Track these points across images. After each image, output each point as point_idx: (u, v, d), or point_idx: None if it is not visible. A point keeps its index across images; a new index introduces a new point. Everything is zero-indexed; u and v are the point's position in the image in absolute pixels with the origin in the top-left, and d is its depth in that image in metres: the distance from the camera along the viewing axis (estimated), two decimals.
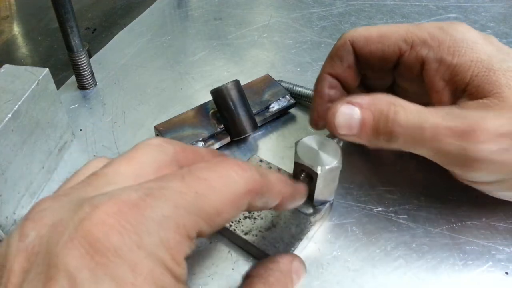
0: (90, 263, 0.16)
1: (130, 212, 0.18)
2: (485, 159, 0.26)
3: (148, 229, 0.18)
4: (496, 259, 0.30)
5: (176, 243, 0.18)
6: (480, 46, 0.29)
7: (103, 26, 0.59)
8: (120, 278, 0.17)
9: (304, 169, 0.29)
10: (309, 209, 0.31)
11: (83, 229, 0.17)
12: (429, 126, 0.26)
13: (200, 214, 0.19)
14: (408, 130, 0.27)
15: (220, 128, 0.38)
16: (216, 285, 0.29)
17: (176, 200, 0.19)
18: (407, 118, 0.27)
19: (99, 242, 0.17)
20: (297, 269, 0.26)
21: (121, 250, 0.17)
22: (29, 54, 0.56)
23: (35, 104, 0.33)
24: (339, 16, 0.57)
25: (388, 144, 0.28)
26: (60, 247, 0.17)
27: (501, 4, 0.58)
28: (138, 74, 0.48)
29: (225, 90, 0.37)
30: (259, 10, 0.59)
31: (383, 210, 0.33)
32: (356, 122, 0.28)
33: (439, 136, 0.26)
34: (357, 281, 0.29)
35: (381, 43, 0.31)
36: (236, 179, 0.20)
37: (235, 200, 0.20)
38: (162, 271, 0.18)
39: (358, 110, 0.28)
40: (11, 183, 0.31)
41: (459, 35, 0.29)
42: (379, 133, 0.28)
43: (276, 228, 0.30)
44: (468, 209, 0.32)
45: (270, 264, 0.26)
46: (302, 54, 0.50)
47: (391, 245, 0.31)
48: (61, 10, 0.40)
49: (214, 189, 0.20)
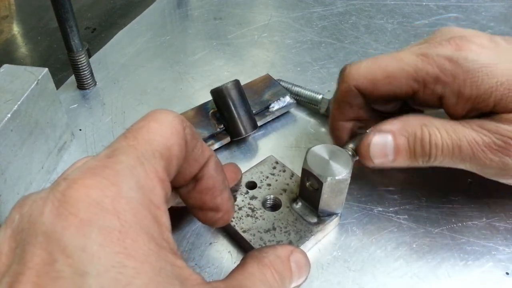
0: (75, 221, 0.17)
1: (103, 171, 0.19)
2: None
3: (123, 179, 0.19)
4: (497, 259, 0.29)
5: (150, 188, 0.19)
6: (496, 68, 0.27)
7: (102, 26, 0.59)
8: (106, 228, 0.17)
9: (311, 176, 0.29)
10: (313, 218, 0.31)
11: (64, 196, 0.18)
12: (467, 144, 0.27)
13: (156, 156, 0.20)
14: (446, 150, 0.27)
15: (220, 128, 0.38)
16: None
17: (133, 152, 0.20)
18: (443, 138, 0.27)
19: (80, 201, 0.18)
20: (297, 259, 0.25)
21: (103, 202, 0.18)
22: (28, 54, 0.56)
23: (35, 104, 0.33)
24: (339, 15, 0.57)
25: (427, 164, 0.29)
26: (45, 216, 0.17)
27: (502, 3, 0.58)
28: (138, 74, 0.48)
29: (225, 90, 0.37)
30: (259, 9, 0.59)
31: (384, 210, 0.33)
32: (390, 150, 0.29)
33: (478, 153, 0.27)
34: (357, 281, 0.29)
35: (390, 85, 0.29)
36: (168, 116, 0.22)
37: (175, 131, 0.22)
38: (145, 215, 0.19)
39: (391, 137, 0.29)
40: (11, 183, 0.31)
41: (471, 64, 0.27)
42: (416, 156, 0.28)
43: (275, 231, 0.30)
44: (468, 209, 0.32)
45: (267, 249, 0.25)
46: (302, 53, 0.50)
47: (392, 245, 0.31)
48: (60, 10, 0.39)
49: (156, 130, 0.21)
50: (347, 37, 0.52)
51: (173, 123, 0.22)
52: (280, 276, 0.24)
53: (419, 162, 0.29)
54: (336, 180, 0.28)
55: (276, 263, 0.24)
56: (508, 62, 0.28)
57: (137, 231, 0.18)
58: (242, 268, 0.23)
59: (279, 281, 0.24)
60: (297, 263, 0.26)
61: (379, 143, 0.29)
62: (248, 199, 0.32)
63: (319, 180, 0.28)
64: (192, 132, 0.23)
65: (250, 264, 0.24)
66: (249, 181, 0.33)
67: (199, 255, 0.30)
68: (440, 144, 0.27)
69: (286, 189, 0.33)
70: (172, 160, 0.21)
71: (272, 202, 0.32)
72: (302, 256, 0.26)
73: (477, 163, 0.27)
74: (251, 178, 0.33)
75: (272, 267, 0.24)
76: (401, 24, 0.55)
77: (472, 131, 0.27)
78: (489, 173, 0.28)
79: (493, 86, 0.27)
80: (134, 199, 0.19)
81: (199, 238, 0.31)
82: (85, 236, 0.17)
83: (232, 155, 0.38)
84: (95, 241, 0.17)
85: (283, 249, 0.26)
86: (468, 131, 0.27)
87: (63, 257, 0.16)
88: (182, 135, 0.22)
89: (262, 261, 0.24)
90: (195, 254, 0.30)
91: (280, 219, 0.31)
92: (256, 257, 0.24)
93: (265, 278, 0.23)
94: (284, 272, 0.25)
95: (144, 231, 0.18)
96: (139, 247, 0.18)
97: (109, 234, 0.17)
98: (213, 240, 0.31)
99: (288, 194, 0.32)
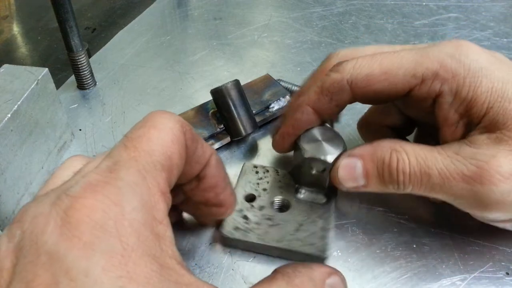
0: (79, 243, 0.17)
1: (104, 189, 0.18)
2: (500, 201, 0.25)
3: (126, 198, 0.18)
4: (497, 260, 0.29)
5: (153, 204, 0.19)
6: (494, 72, 0.26)
7: (102, 26, 0.59)
8: (109, 251, 0.17)
9: (314, 162, 0.30)
10: (322, 198, 0.32)
11: (67, 216, 0.18)
12: (437, 172, 0.25)
13: (158, 168, 0.20)
14: (413, 177, 0.26)
15: (220, 128, 0.38)
16: (216, 285, 0.29)
17: (134, 165, 0.20)
18: (411, 165, 0.26)
19: (83, 223, 0.17)
20: (334, 284, 0.23)
21: (106, 225, 0.17)
22: (28, 53, 0.56)
23: (35, 104, 0.33)
24: (339, 15, 0.57)
25: (400, 191, 0.27)
26: (47, 235, 0.17)
27: (502, 3, 0.58)
28: (137, 74, 0.48)
29: (225, 90, 0.37)
30: (259, 9, 0.59)
31: (384, 210, 0.33)
32: (359, 174, 0.28)
33: (449, 182, 0.25)
34: (357, 281, 0.29)
35: (387, 81, 0.28)
36: (167, 121, 0.22)
37: (175, 138, 0.21)
38: (147, 235, 0.18)
39: (360, 162, 0.28)
40: (11, 183, 0.31)
41: (473, 63, 0.26)
42: (385, 183, 0.27)
43: (303, 227, 0.30)
44: None
45: (301, 267, 0.23)
46: (302, 54, 0.50)
47: (392, 245, 0.31)
48: (60, 10, 0.39)
49: (156, 138, 0.21)
50: (347, 37, 0.52)
51: (173, 129, 0.21)
52: None
53: (390, 189, 0.28)
54: (338, 155, 0.30)
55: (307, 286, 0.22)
56: (503, 71, 0.27)
57: (139, 253, 0.18)
58: (269, 283, 0.22)
59: None
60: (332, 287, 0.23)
61: (348, 166, 0.28)
62: (258, 211, 0.31)
63: (325, 162, 0.30)
64: (192, 135, 0.23)
65: (279, 282, 0.22)
66: (246, 194, 0.32)
67: (199, 255, 0.30)
68: (407, 171, 0.26)
69: (282, 186, 0.33)
70: (173, 169, 0.21)
71: (280, 203, 0.32)
72: (341, 280, 0.23)
73: (448, 193, 0.26)
74: (245, 191, 0.33)
75: None
76: (401, 24, 0.55)
77: (445, 158, 0.25)
78: (461, 204, 0.27)
79: (489, 91, 0.26)
80: (136, 220, 0.18)
81: (199, 238, 0.31)
82: (88, 259, 0.17)
83: (232, 155, 0.38)
84: (98, 265, 0.17)
85: (320, 271, 0.23)
86: (440, 158, 0.26)
87: (67, 280, 0.16)
88: (182, 142, 0.22)
89: (292, 282, 0.22)
90: (195, 254, 0.30)
91: (298, 214, 0.31)
92: (288, 275, 0.22)
93: None
94: None
95: (147, 253, 0.18)
96: (141, 270, 0.17)
97: (112, 258, 0.17)
98: (213, 240, 0.31)
99: (287, 189, 0.32)
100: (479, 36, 0.52)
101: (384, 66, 0.28)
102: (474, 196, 0.25)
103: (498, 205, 0.25)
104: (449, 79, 0.27)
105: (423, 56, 0.27)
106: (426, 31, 0.53)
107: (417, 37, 0.52)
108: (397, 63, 0.28)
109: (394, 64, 0.28)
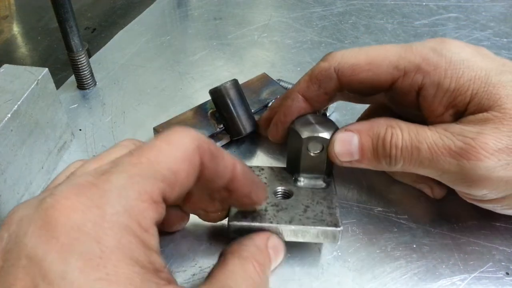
0: (56, 245, 0.17)
1: (89, 191, 0.18)
2: (485, 176, 0.25)
3: (109, 201, 0.18)
4: (497, 260, 0.29)
5: (140, 210, 0.19)
6: (476, 62, 0.27)
7: (102, 26, 0.59)
8: (87, 253, 0.17)
9: (312, 142, 0.30)
10: (322, 183, 0.32)
11: (47, 216, 0.18)
12: (426, 147, 0.26)
13: (157, 177, 0.20)
14: (405, 151, 0.27)
15: (219, 128, 0.38)
16: None
17: (130, 170, 0.19)
18: (404, 139, 0.27)
19: (62, 224, 0.17)
20: (274, 245, 0.26)
21: (85, 226, 0.17)
22: (28, 53, 0.56)
23: (35, 104, 0.33)
24: (339, 15, 0.57)
25: (391, 167, 0.28)
26: (28, 237, 0.17)
27: (502, 3, 0.58)
28: (137, 74, 0.48)
29: (223, 90, 0.37)
30: (259, 9, 0.59)
31: (384, 210, 0.33)
32: (355, 149, 0.29)
33: (436, 156, 0.26)
34: (357, 281, 0.29)
35: (371, 71, 0.29)
36: (183, 138, 0.21)
37: (186, 156, 0.21)
38: (130, 240, 0.18)
39: (357, 136, 0.29)
40: (11, 183, 0.31)
41: (454, 56, 0.28)
42: (379, 157, 0.28)
43: (310, 208, 0.29)
44: (468, 209, 0.32)
45: (244, 241, 0.25)
46: (302, 54, 0.50)
47: (392, 245, 0.31)
48: (60, 10, 0.39)
49: (164, 151, 0.21)
50: (347, 37, 0.52)
51: (187, 147, 0.21)
52: (261, 267, 0.24)
53: (383, 164, 0.28)
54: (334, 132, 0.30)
55: (256, 254, 0.24)
56: (486, 62, 0.28)
57: (120, 255, 0.18)
58: (223, 265, 0.23)
59: (260, 273, 0.23)
60: (274, 248, 0.26)
61: (344, 140, 0.29)
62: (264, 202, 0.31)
63: (323, 138, 0.30)
64: (211, 153, 0.22)
65: (231, 261, 0.23)
66: None
67: (200, 255, 0.30)
68: (400, 145, 0.27)
69: (280, 179, 0.32)
70: (175, 186, 0.21)
71: (283, 192, 0.32)
72: (278, 240, 0.26)
73: (436, 167, 0.26)
74: None
75: (253, 259, 0.24)
76: (401, 24, 0.55)
77: (434, 134, 0.26)
78: (449, 180, 0.27)
79: (472, 79, 0.27)
80: (118, 223, 0.18)
81: (199, 238, 0.31)
82: (65, 262, 0.17)
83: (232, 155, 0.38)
84: (75, 267, 0.17)
85: (260, 237, 0.26)
86: (430, 133, 0.26)
87: (45, 284, 0.16)
88: (194, 162, 0.21)
89: (242, 255, 0.24)
90: (196, 254, 0.30)
91: (302, 199, 0.30)
92: (236, 251, 0.24)
93: (247, 274, 0.23)
94: (265, 262, 0.24)
95: (128, 256, 0.18)
96: (122, 271, 0.17)
97: (90, 260, 0.17)
98: (213, 241, 0.31)
99: (286, 181, 0.32)
100: (479, 36, 0.52)
101: (370, 57, 0.29)
102: (460, 171, 0.26)
103: (483, 181, 0.25)
104: (431, 72, 0.28)
105: (407, 50, 0.29)
106: (426, 31, 0.53)
107: (417, 37, 0.52)
108: (381, 55, 0.29)
109: (379, 56, 0.29)
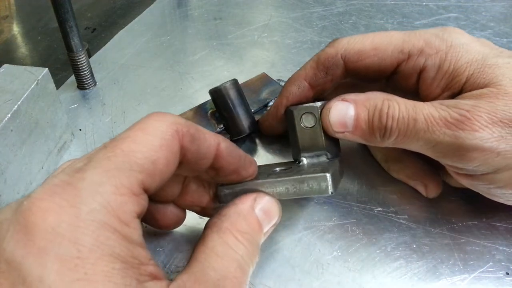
0: (33, 248, 0.17)
1: (64, 191, 0.18)
2: (478, 147, 0.25)
3: (84, 199, 0.18)
4: (497, 260, 0.29)
5: (118, 204, 0.19)
6: (475, 47, 0.28)
7: (102, 26, 0.59)
8: (62, 255, 0.17)
9: (304, 115, 0.30)
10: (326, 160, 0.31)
11: (24, 219, 0.17)
12: (422, 118, 0.26)
13: (134, 168, 0.19)
14: (401, 122, 0.27)
15: (220, 128, 0.38)
16: None
17: (105, 165, 0.19)
18: (401, 111, 0.27)
19: (38, 227, 0.17)
20: (263, 205, 0.24)
21: (59, 227, 0.17)
22: (28, 53, 0.56)
23: (35, 104, 0.33)
24: (339, 15, 0.57)
25: (383, 140, 0.28)
26: (6, 241, 0.17)
27: (502, 3, 0.58)
28: (137, 74, 0.48)
29: (223, 90, 0.37)
30: (259, 9, 0.59)
31: (384, 210, 0.33)
32: (350, 119, 0.29)
33: (432, 127, 0.26)
34: (357, 281, 0.29)
35: (377, 56, 0.30)
36: (159, 124, 0.21)
37: (163, 143, 0.20)
38: (108, 235, 0.18)
39: (353, 106, 0.29)
40: (11, 183, 0.31)
41: (455, 40, 0.29)
42: (373, 128, 0.28)
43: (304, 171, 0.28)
44: (468, 209, 0.32)
45: (225, 210, 0.23)
46: (302, 53, 0.50)
47: (392, 245, 0.31)
48: (60, 10, 0.39)
49: (140, 140, 0.20)
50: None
51: (164, 134, 0.20)
52: (245, 235, 0.22)
53: (376, 137, 0.28)
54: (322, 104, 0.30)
55: (238, 223, 0.22)
56: (485, 47, 0.29)
57: (98, 253, 0.17)
58: (203, 243, 0.22)
59: (245, 242, 0.22)
60: (264, 209, 0.24)
61: (340, 109, 0.29)
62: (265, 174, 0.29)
63: (313, 107, 0.30)
64: (192, 136, 0.22)
65: (210, 237, 0.22)
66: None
67: None
68: (396, 116, 0.27)
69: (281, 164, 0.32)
70: (155, 175, 0.20)
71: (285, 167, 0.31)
72: (268, 199, 0.25)
73: (430, 138, 0.26)
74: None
75: (234, 229, 0.22)
76: (401, 24, 0.55)
77: (430, 107, 0.27)
78: (442, 152, 0.27)
79: (469, 62, 0.28)
80: (94, 221, 0.18)
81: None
82: (42, 265, 0.17)
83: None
84: (52, 270, 0.17)
85: (243, 201, 0.24)
86: (427, 106, 0.27)
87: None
88: (173, 148, 0.21)
89: (221, 228, 0.22)
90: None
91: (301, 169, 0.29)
92: (215, 224, 0.22)
93: (228, 249, 0.21)
94: (250, 228, 0.23)
95: (107, 253, 0.18)
96: (101, 269, 0.17)
97: (66, 262, 0.17)
98: None
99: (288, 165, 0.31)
100: (479, 36, 0.51)
101: (375, 43, 0.30)
102: (455, 142, 0.26)
103: (476, 152, 0.26)
104: (433, 55, 0.29)
105: (411, 35, 0.30)
106: None
107: None
108: (386, 40, 0.30)
109: (384, 41, 0.30)
